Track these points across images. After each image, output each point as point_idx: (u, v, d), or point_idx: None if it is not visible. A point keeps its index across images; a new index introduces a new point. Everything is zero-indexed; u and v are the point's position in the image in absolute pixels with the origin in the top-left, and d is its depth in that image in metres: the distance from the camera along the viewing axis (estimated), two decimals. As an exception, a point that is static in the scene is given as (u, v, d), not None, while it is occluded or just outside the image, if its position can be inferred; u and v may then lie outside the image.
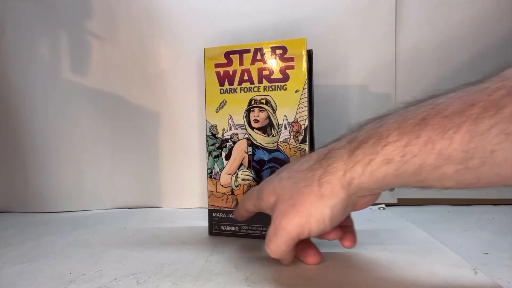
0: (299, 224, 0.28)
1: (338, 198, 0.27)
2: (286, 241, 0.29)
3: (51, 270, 0.35)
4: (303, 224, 0.28)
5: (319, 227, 0.28)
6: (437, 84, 0.64)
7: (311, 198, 0.28)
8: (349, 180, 0.27)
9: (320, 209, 0.28)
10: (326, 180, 0.28)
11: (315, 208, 0.28)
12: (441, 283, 0.30)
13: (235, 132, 0.45)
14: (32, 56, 0.66)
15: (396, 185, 0.26)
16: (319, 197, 0.28)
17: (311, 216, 0.28)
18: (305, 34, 0.46)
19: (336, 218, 0.28)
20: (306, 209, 0.28)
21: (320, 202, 0.28)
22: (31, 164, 0.67)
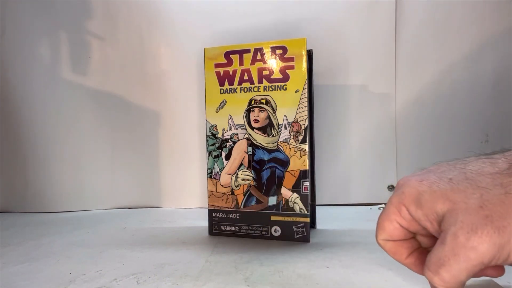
0: (498, 244, 0.20)
1: None
2: (472, 267, 0.21)
3: (51, 270, 0.35)
4: (503, 245, 0.20)
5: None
6: (436, 84, 0.64)
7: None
8: None
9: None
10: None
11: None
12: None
13: (235, 132, 0.45)
14: (32, 56, 0.66)
15: None
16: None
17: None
18: (305, 34, 0.46)
19: None
20: (510, 224, 0.20)
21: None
22: (31, 164, 0.67)
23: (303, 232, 0.42)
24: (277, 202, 0.43)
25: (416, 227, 0.25)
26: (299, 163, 0.42)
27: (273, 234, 0.43)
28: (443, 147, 0.63)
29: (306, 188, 0.42)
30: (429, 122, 0.64)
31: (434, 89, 0.64)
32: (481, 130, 0.63)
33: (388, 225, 0.25)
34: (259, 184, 0.44)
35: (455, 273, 0.21)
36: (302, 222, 0.42)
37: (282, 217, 0.43)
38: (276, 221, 0.43)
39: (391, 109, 0.65)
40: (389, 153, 0.65)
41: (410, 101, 0.65)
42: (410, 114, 0.65)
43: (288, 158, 0.42)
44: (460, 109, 0.63)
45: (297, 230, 0.42)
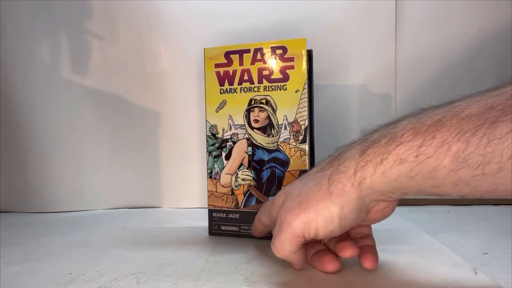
0: (304, 221, 0.27)
1: (349, 197, 0.26)
2: (290, 239, 0.28)
3: (51, 270, 0.35)
4: (309, 222, 0.27)
5: (327, 226, 0.27)
6: (437, 84, 0.64)
7: (320, 195, 0.27)
8: (360, 180, 0.25)
9: (328, 207, 0.26)
10: (336, 178, 0.27)
11: (322, 205, 0.26)
12: (441, 283, 0.30)
13: (235, 132, 0.45)
14: (32, 56, 0.66)
15: (410, 189, 0.24)
16: (327, 194, 0.26)
17: (318, 213, 0.26)
18: (305, 34, 0.46)
19: (347, 219, 0.27)
20: (313, 205, 0.27)
21: (329, 199, 0.26)
22: (31, 164, 0.67)
23: (303, 232, 0.42)
24: (277, 202, 0.43)
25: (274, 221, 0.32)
26: (299, 163, 0.42)
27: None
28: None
29: (306, 188, 0.42)
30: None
31: (434, 89, 0.64)
32: (481, 130, 0.63)
33: (262, 217, 0.36)
34: (259, 184, 0.44)
35: (281, 243, 0.29)
36: (302, 222, 0.42)
37: (282, 217, 0.43)
38: (276, 221, 0.43)
39: (391, 109, 0.65)
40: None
41: (410, 101, 0.65)
42: (410, 114, 0.64)
43: (288, 158, 0.42)
44: (460, 109, 0.63)
45: (297, 230, 0.42)
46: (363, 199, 0.26)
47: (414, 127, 0.24)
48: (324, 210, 0.26)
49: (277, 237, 0.29)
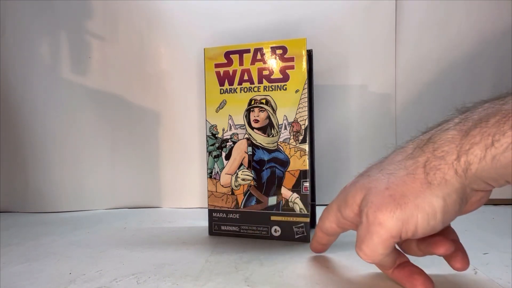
0: (401, 219, 0.23)
1: (452, 187, 0.22)
2: (384, 241, 0.24)
3: (51, 270, 0.35)
4: (406, 219, 0.23)
5: (428, 223, 0.22)
6: (437, 84, 0.64)
7: (416, 186, 0.23)
8: (465, 166, 0.21)
9: (429, 200, 0.22)
10: (434, 166, 0.23)
11: (422, 199, 0.22)
12: (441, 283, 0.30)
13: (235, 132, 0.45)
14: (32, 56, 0.66)
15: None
16: (426, 185, 0.22)
17: (417, 209, 0.22)
18: (305, 34, 0.46)
19: (450, 213, 0.23)
20: (411, 200, 0.23)
21: (429, 191, 0.22)
22: (31, 164, 0.67)
23: (303, 232, 0.42)
24: (277, 202, 0.43)
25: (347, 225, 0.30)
26: (299, 163, 0.42)
27: (273, 234, 0.43)
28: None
29: (306, 188, 0.42)
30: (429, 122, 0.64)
31: (434, 89, 0.64)
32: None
33: (326, 223, 0.31)
34: (259, 184, 0.44)
35: (372, 247, 0.24)
36: (302, 222, 0.42)
37: (282, 217, 0.43)
38: (276, 221, 0.43)
39: (391, 109, 0.65)
40: (389, 153, 0.65)
41: (410, 101, 0.65)
42: (410, 114, 0.65)
43: (288, 158, 0.42)
44: (460, 109, 0.63)
45: (297, 230, 0.42)
46: (465, 188, 0.22)
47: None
48: (424, 204, 0.22)
49: (366, 240, 0.25)
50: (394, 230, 0.23)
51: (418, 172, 0.23)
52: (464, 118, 0.23)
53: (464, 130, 0.22)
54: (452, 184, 0.22)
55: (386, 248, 0.24)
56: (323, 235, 0.33)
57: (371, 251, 0.25)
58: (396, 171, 0.24)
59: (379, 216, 0.24)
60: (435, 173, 0.22)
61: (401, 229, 0.23)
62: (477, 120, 0.22)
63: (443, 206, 0.22)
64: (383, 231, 0.23)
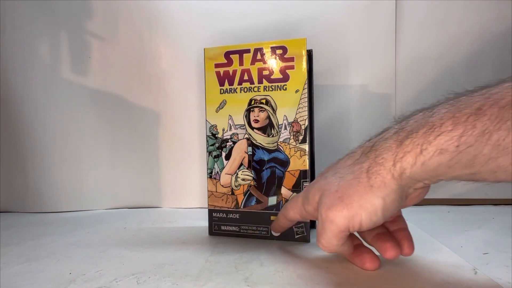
0: (347, 217, 0.27)
1: (390, 189, 0.26)
2: (336, 235, 0.29)
3: (51, 270, 0.35)
4: (352, 216, 0.27)
5: (371, 219, 0.27)
6: (437, 84, 0.64)
7: (360, 189, 0.27)
8: (400, 171, 0.26)
9: (371, 200, 0.26)
10: (375, 171, 0.27)
11: (365, 200, 0.27)
12: (441, 283, 0.30)
13: (235, 132, 0.45)
14: (32, 56, 0.66)
15: (447, 176, 0.25)
16: (368, 188, 0.27)
17: (361, 208, 0.27)
18: (305, 34, 0.46)
19: (389, 210, 0.27)
20: (355, 201, 0.27)
21: (370, 193, 0.26)
22: (31, 164, 0.67)
23: (303, 232, 0.42)
24: (277, 202, 0.43)
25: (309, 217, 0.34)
26: (299, 163, 0.42)
27: (273, 234, 0.43)
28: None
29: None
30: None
31: (434, 89, 0.64)
32: (481, 130, 0.63)
33: (291, 213, 0.36)
34: (259, 184, 0.44)
35: (327, 240, 0.29)
36: (302, 222, 0.42)
37: (282, 217, 0.43)
38: (276, 221, 0.43)
39: (391, 109, 0.65)
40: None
41: (410, 101, 0.65)
42: (410, 114, 0.65)
43: (288, 158, 0.42)
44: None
45: (297, 230, 0.42)
46: (402, 188, 0.27)
47: (453, 116, 0.24)
48: (367, 204, 0.27)
49: (322, 234, 0.29)
50: (343, 226, 0.28)
51: (362, 177, 0.27)
52: (400, 128, 0.27)
53: (399, 140, 0.26)
54: (390, 186, 0.26)
55: (338, 240, 0.29)
56: (285, 221, 0.37)
57: (327, 243, 0.30)
58: (346, 175, 0.29)
59: (330, 214, 0.28)
60: (376, 177, 0.27)
61: (348, 225, 0.28)
62: (409, 131, 0.26)
63: (383, 205, 0.27)
64: (334, 226, 0.28)
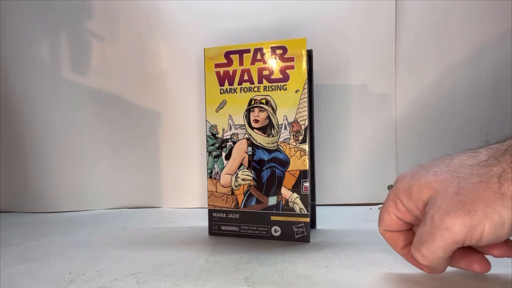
0: (469, 226, 0.23)
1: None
2: (446, 245, 0.24)
3: (51, 270, 0.35)
4: (474, 226, 0.23)
5: (494, 233, 0.23)
6: (437, 84, 0.64)
7: (488, 196, 0.23)
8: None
9: (499, 211, 0.22)
10: (509, 177, 0.23)
11: (492, 209, 0.23)
12: (441, 283, 0.30)
13: (235, 132, 0.45)
14: (32, 56, 0.66)
15: None
16: (499, 196, 0.23)
17: (486, 218, 0.23)
18: (305, 34, 0.46)
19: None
20: (481, 208, 0.23)
21: (500, 202, 0.22)
22: (31, 164, 0.67)
23: (303, 232, 0.42)
24: (277, 202, 0.43)
25: (410, 218, 0.28)
26: (299, 163, 0.42)
27: (273, 234, 0.43)
28: (443, 147, 0.63)
29: (306, 188, 0.42)
30: (429, 122, 0.64)
31: (434, 89, 0.64)
32: (481, 131, 0.63)
33: (386, 217, 0.29)
34: (259, 184, 0.44)
35: (433, 250, 0.25)
36: (302, 222, 0.42)
37: (282, 217, 0.43)
38: (276, 221, 0.43)
39: (391, 109, 0.65)
40: (389, 153, 0.65)
41: (410, 101, 0.65)
42: (410, 114, 0.65)
43: (288, 158, 0.42)
44: (460, 109, 0.63)
45: (297, 230, 0.42)
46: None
47: None
48: (494, 214, 0.23)
49: (428, 242, 0.25)
50: (460, 236, 0.23)
51: (492, 182, 0.23)
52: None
53: None
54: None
55: (446, 252, 0.25)
56: (389, 234, 0.31)
57: (430, 253, 0.25)
58: (468, 177, 0.24)
59: (447, 221, 0.24)
60: (510, 185, 0.23)
61: (466, 236, 0.23)
62: None
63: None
64: (448, 235, 0.24)
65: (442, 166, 0.27)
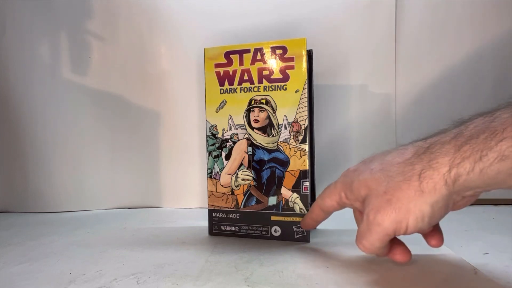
0: (396, 221, 0.27)
1: (440, 195, 0.25)
2: (380, 238, 0.28)
3: (51, 270, 0.35)
4: (400, 221, 0.27)
5: (416, 225, 0.26)
6: (437, 84, 0.64)
7: (410, 193, 0.26)
8: (454, 177, 0.25)
9: (419, 206, 0.26)
10: (427, 175, 0.26)
11: (413, 205, 0.26)
12: (441, 283, 0.30)
13: (235, 132, 0.45)
14: (32, 56, 0.66)
15: (505, 184, 0.23)
16: (419, 193, 0.26)
17: (409, 213, 0.26)
18: (305, 34, 0.46)
19: (436, 217, 0.27)
20: (404, 205, 0.26)
21: (420, 198, 0.26)
22: (31, 164, 0.67)
23: (303, 232, 0.42)
24: (277, 202, 0.43)
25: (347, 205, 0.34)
26: (299, 163, 0.42)
27: (273, 234, 0.43)
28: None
29: (306, 188, 0.42)
30: (429, 122, 0.64)
31: (434, 89, 0.64)
32: (481, 130, 0.63)
33: (327, 201, 0.35)
34: (259, 184, 0.44)
35: (371, 242, 0.29)
36: (302, 222, 0.42)
37: (282, 217, 0.43)
38: (276, 221, 0.43)
39: (391, 109, 0.65)
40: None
41: (410, 101, 0.65)
42: (410, 114, 0.65)
43: (288, 158, 0.42)
44: (460, 109, 0.63)
45: (297, 230, 0.42)
46: (452, 195, 0.26)
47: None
48: (415, 209, 0.26)
49: (366, 236, 0.29)
50: (390, 230, 0.27)
51: (413, 179, 0.27)
52: (458, 132, 0.26)
53: (457, 145, 0.25)
54: (440, 193, 0.25)
55: (382, 242, 0.29)
56: (320, 213, 0.36)
57: (370, 244, 0.29)
58: (395, 176, 0.28)
59: (378, 218, 0.28)
60: (428, 182, 0.26)
61: (395, 229, 0.27)
62: (469, 136, 0.25)
63: (431, 212, 0.26)
64: (380, 229, 0.28)
65: (376, 164, 0.30)
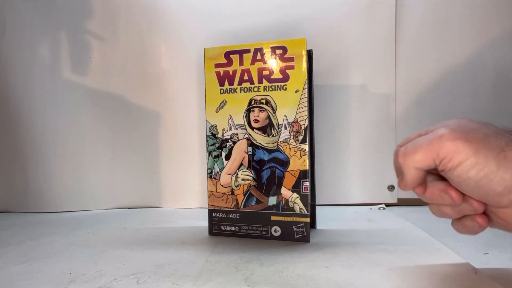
0: (458, 146, 0.24)
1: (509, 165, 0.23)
2: (428, 153, 0.25)
3: (51, 270, 0.35)
4: (460, 151, 0.24)
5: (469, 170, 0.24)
6: (437, 84, 0.64)
7: (490, 145, 0.24)
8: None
9: (489, 159, 0.24)
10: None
11: (484, 152, 0.24)
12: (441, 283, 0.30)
13: (235, 132, 0.45)
14: (32, 56, 0.66)
15: None
16: (498, 150, 0.24)
17: (476, 152, 0.24)
18: (305, 34, 0.46)
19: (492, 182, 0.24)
20: (477, 143, 0.24)
21: (495, 153, 0.24)
22: (31, 164, 0.67)
23: (303, 232, 0.42)
24: (277, 202, 0.43)
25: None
26: (299, 163, 0.42)
27: (273, 234, 0.43)
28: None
29: (306, 188, 0.42)
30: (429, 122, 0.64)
31: (434, 89, 0.64)
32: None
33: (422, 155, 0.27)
34: (259, 184, 0.44)
35: (415, 149, 0.26)
36: (302, 222, 0.42)
37: (282, 217, 0.43)
38: (276, 221, 0.43)
39: (391, 109, 0.65)
40: (389, 153, 0.65)
41: (410, 101, 0.65)
42: (410, 114, 0.65)
43: (288, 158, 0.42)
44: (460, 109, 0.63)
45: (297, 230, 0.42)
46: None
47: None
48: (482, 156, 0.24)
49: (417, 142, 0.26)
50: (444, 149, 0.24)
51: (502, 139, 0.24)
52: None
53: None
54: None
55: (423, 159, 0.25)
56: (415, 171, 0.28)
57: (412, 151, 0.26)
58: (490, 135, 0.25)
59: (446, 134, 0.25)
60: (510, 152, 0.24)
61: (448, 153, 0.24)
62: None
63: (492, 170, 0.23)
64: (436, 143, 0.25)
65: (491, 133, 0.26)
